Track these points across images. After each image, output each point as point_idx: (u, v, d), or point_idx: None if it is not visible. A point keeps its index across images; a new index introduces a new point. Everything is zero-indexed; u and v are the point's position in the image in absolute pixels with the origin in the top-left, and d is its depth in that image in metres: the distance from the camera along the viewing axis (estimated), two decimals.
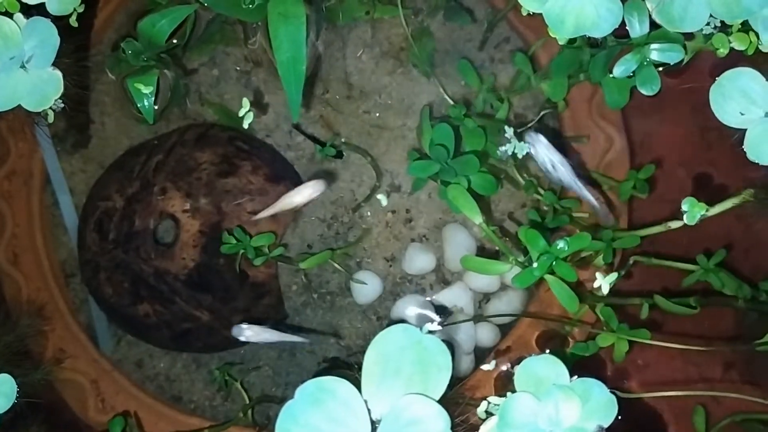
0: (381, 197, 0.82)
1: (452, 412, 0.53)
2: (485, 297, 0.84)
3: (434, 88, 0.85)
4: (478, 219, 0.60)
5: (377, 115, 0.86)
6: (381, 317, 0.85)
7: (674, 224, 0.70)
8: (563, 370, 0.56)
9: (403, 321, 0.80)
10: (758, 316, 0.74)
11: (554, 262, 0.57)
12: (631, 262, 0.78)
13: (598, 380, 0.58)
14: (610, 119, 0.82)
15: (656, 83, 0.61)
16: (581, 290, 0.78)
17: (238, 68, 0.86)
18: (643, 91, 0.62)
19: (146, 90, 0.67)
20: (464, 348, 0.81)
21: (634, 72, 0.62)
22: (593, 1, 0.60)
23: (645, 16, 0.61)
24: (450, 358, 0.51)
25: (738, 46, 0.64)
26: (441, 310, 0.84)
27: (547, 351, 0.76)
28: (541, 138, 0.63)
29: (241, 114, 0.79)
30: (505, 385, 0.75)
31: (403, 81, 0.86)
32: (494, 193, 0.70)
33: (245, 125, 0.80)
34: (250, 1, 0.61)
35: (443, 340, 0.52)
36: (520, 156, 0.71)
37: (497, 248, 0.83)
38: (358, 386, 0.52)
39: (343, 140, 0.85)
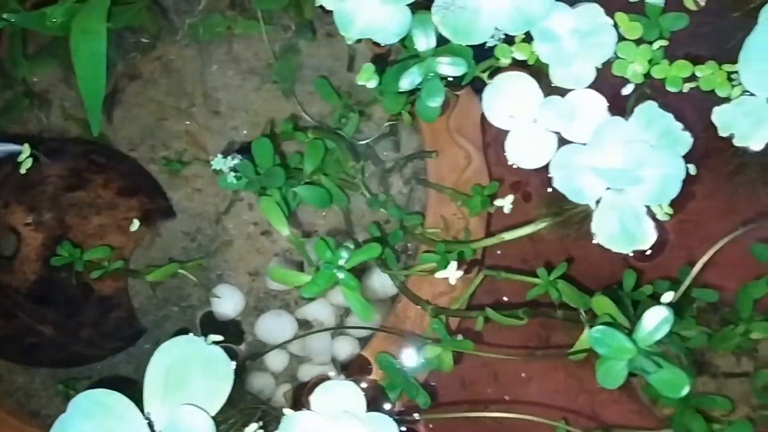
0: None
1: (248, 419, 0.53)
2: (346, 311, 0.85)
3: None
4: (285, 231, 0.61)
5: (245, 132, 0.87)
6: (245, 332, 0.85)
7: (507, 235, 0.72)
8: (361, 399, 0.56)
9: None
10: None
11: (337, 272, 0.58)
12: (482, 276, 0.80)
13: (391, 417, 0.58)
14: (467, 135, 0.83)
15: (440, 96, 0.62)
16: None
17: (108, 83, 0.87)
18: (428, 104, 0.63)
19: None
20: (317, 360, 0.82)
21: (420, 84, 0.63)
22: (385, 9, 0.61)
23: (430, 29, 0.63)
24: (231, 367, 0.51)
25: (520, 56, 0.66)
26: (303, 324, 0.85)
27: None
28: None
29: (20, 159, 0.79)
30: None
31: (269, 97, 0.87)
32: (328, 205, 0.71)
33: (23, 171, 0.80)
34: (54, 17, 0.62)
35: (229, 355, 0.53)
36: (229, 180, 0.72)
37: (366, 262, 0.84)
38: None
39: (210, 156, 0.86)
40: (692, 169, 0.66)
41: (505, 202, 0.74)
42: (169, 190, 0.86)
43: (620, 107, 0.71)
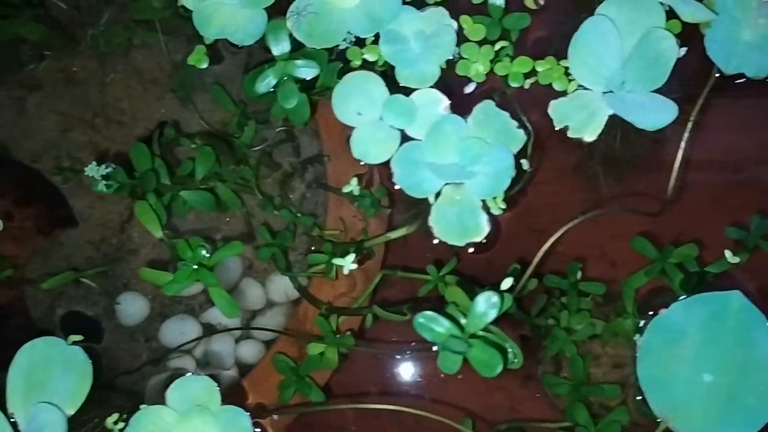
0: None
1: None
2: (252, 314, 0.86)
3: (203, 112, 0.87)
4: (158, 233, 0.62)
5: None
6: (149, 338, 0.86)
7: (393, 234, 0.74)
8: (216, 394, 0.57)
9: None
10: None
11: (197, 269, 0.59)
12: (380, 276, 0.81)
13: (245, 411, 0.60)
14: None
15: (294, 98, 0.64)
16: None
17: (11, 95, 0.88)
18: (283, 106, 0.65)
19: None
20: (221, 365, 0.83)
21: (275, 87, 0.66)
22: (243, 11, 0.63)
23: (283, 33, 0.65)
24: (90, 367, 0.52)
25: (370, 57, 0.69)
26: (207, 328, 0.86)
27: None
28: None
29: None
30: None
31: (172, 106, 0.88)
32: (214, 209, 0.72)
33: None
34: None
35: None
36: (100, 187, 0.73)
37: (266, 265, 0.85)
38: None
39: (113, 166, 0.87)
40: (525, 164, 0.69)
41: (352, 186, 0.76)
42: (72, 199, 0.87)
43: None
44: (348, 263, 0.71)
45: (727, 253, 0.73)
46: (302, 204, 0.86)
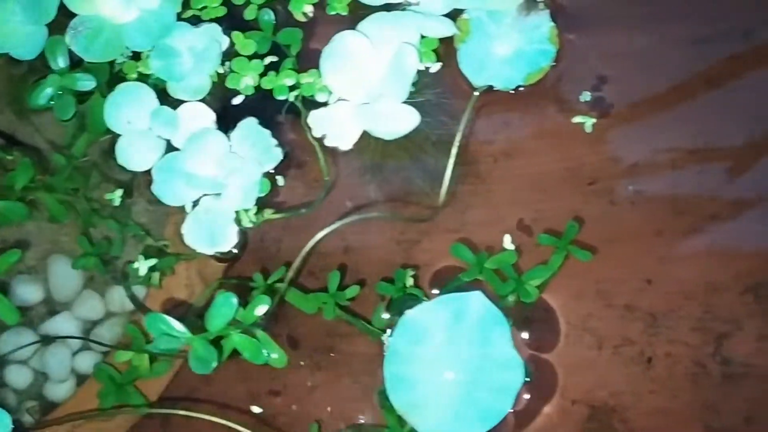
0: None
1: None
2: (92, 324, 0.86)
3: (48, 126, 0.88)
4: None
5: None
6: None
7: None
8: None
9: None
10: None
11: None
12: (216, 284, 0.83)
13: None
14: None
15: (70, 111, 0.67)
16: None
17: None
18: (60, 117, 0.68)
19: None
20: (57, 376, 0.84)
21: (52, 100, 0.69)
22: (25, 28, 0.66)
23: (61, 48, 0.68)
24: None
25: (145, 71, 0.73)
26: (47, 339, 0.86)
27: None
28: None
29: None
30: None
31: (13, 119, 0.88)
32: (26, 220, 0.74)
33: None
34: None
35: None
36: None
37: (106, 278, 0.86)
38: None
39: None
40: (281, 180, 0.73)
41: (114, 196, 0.79)
42: None
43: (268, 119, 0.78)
44: (144, 268, 0.73)
45: (506, 239, 0.76)
46: (146, 215, 0.87)
